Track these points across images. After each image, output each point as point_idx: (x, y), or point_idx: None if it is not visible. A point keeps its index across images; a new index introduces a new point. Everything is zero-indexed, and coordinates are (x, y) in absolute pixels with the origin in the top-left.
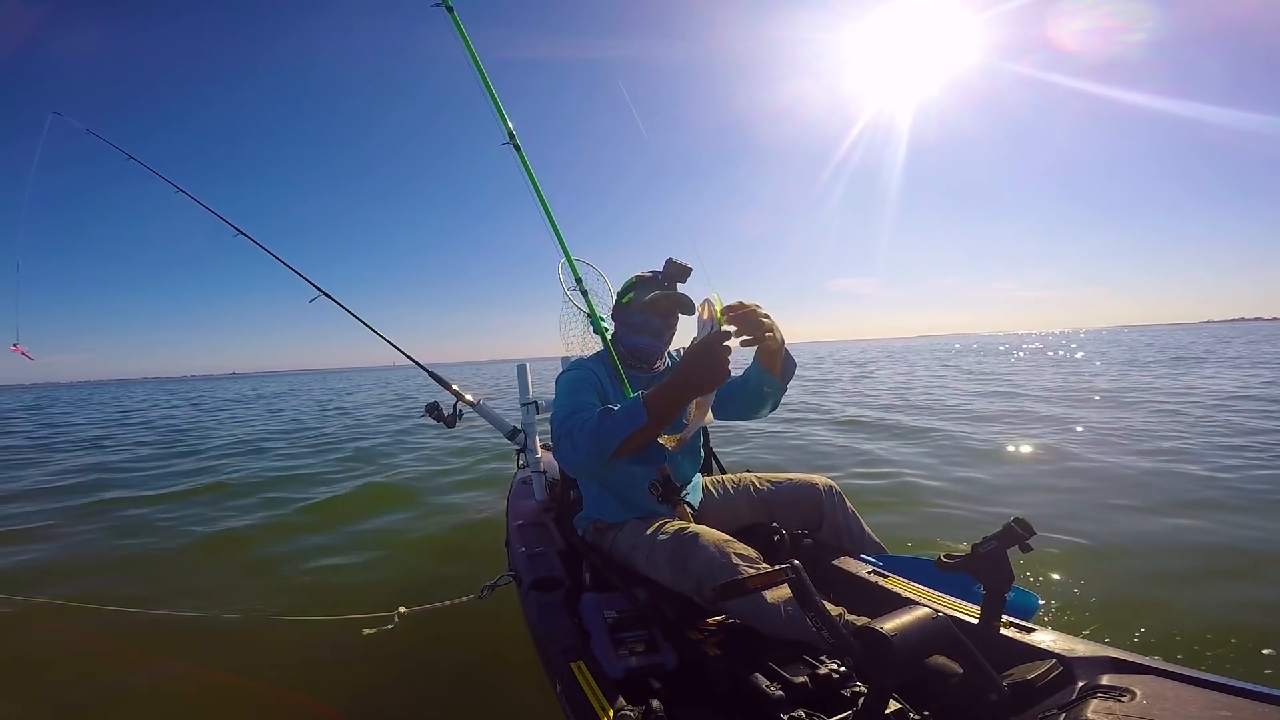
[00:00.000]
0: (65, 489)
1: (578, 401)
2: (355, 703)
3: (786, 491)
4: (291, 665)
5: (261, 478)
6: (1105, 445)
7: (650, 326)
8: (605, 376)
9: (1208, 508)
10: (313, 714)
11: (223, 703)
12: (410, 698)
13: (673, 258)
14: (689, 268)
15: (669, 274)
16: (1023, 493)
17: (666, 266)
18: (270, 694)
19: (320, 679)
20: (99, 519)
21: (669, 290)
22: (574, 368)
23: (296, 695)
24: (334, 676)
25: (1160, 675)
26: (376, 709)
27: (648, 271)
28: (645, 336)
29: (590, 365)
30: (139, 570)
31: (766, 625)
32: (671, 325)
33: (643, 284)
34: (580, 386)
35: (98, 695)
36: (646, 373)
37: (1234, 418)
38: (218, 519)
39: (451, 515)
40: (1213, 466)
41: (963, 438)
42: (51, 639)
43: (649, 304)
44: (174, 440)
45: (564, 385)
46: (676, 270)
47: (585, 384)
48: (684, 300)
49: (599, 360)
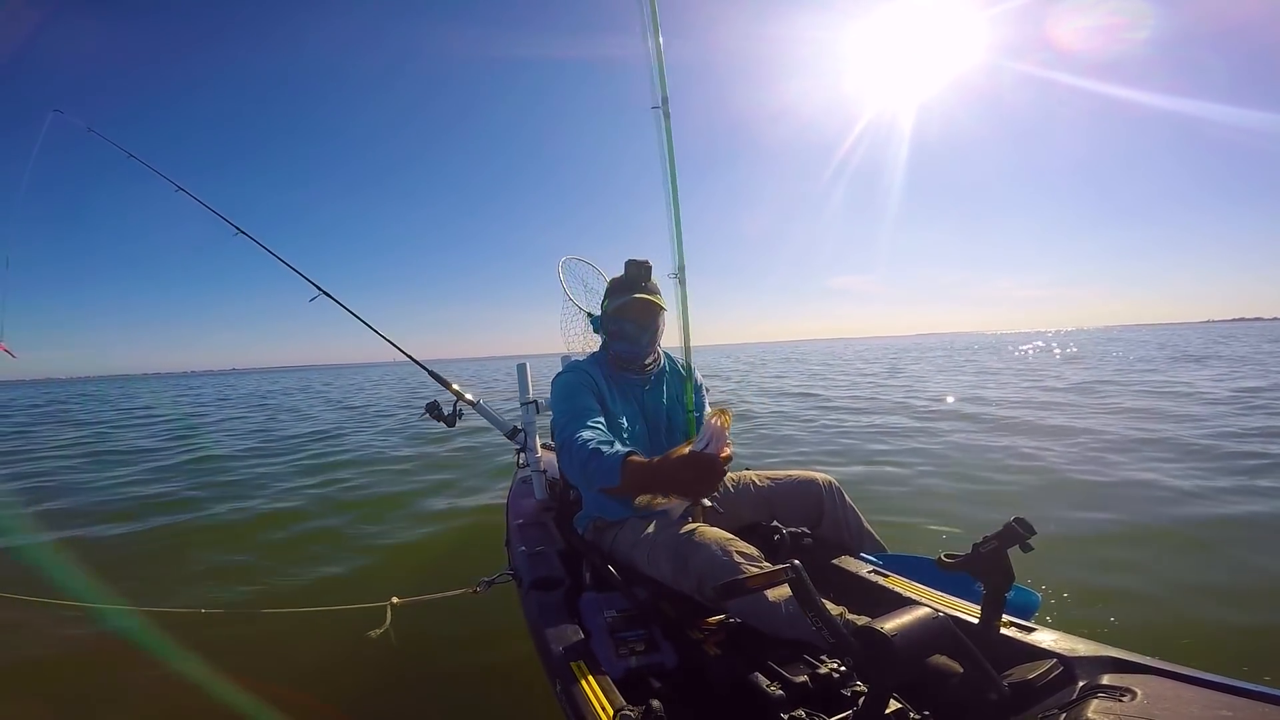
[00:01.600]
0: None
1: (577, 406)
2: (349, 698)
3: (787, 488)
4: (280, 658)
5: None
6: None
7: (625, 333)
8: (602, 377)
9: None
10: (304, 710)
11: (202, 700)
12: (408, 697)
13: (632, 258)
14: (648, 264)
15: (630, 276)
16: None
17: (627, 268)
18: (258, 689)
19: (310, 672)
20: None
21: (634, 292)
22: (569, 370)
23: (283, 689)
24: (325, 670)
25: (1161, 675)
26: (372, 706)
27: (617, 276)
28: (624, 343)
29: (585, 367)
30: (140, 566)
31: (767, 624)
32: (647, 326)
33: (612, 291)
34: (577, 390)
35: (76, 694)
36: (639, 374)
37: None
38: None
39: (451, 515)
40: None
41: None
42: (38, 637)
43: (619, 310)
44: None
45: (560, 390)
46: (637, 270)
47: (581, 387)
48: (642, 300)
49: (595, 362)
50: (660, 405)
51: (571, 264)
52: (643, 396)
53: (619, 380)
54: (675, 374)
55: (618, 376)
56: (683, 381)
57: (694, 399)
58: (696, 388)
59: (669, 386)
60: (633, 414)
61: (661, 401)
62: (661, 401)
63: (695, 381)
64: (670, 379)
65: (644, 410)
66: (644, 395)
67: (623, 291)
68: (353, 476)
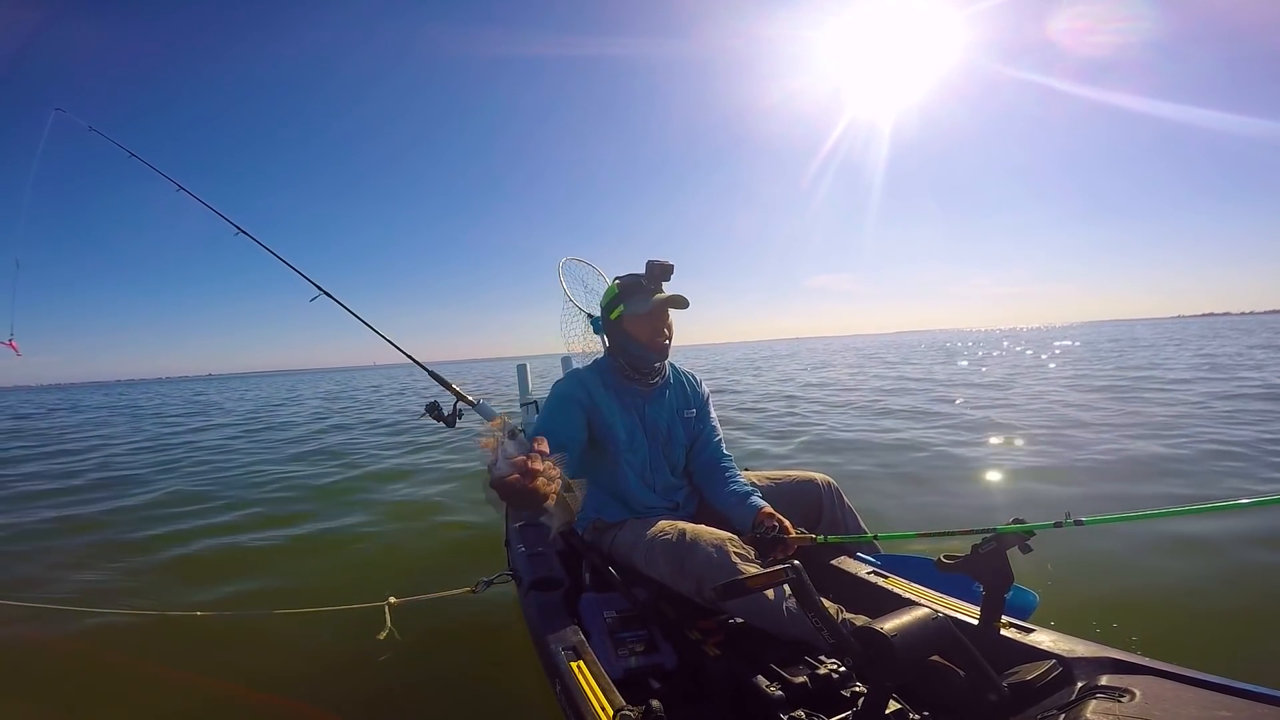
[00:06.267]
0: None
1: (551, 424)
2: (343, 699)
3: (787, 488)
4: (274, 658)
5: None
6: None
7: (650, 335)
8: (600, 387)
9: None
10: (297, 712)
11: (191, 704)
12: (405, 697)
13: (653, 259)
14: (671, 265)
15: (654, 275)
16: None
17: (650, 269)
18: (247, 698)
19: (304, 672)
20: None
21: (661, 293)
22: (567, 381)
23: (273, 690)
24: (319, 670)
25: (1160, 676)
26: (367, 706)
27: (626, 277)
28: (639, 347)
29: (584, 377)
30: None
31: (766, 625)
32: (670, 326)
33: (629, 293)
34: (564, 404)
35: (68, 695)
36: (645, 386)
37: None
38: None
39: (450, 515)
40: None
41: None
42: (26, 641)
43: (651, 314)
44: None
45: (550, 401)
46: (661, 270)
47: (571, 401)
48: (678, 299)
49: (597, 369)
50: (661, 417)
51: (571, 265)
52: (644, 408)
53: (622, 391)
54: (679, 385)
55: (622, 387)
56: (685, 392)
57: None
58: (700, 396)
59: (673, 397)
60: (632, 425)
61: (662, 414)
62: (662, 414)
63: (700, 392)
64: (674, 391)
65: (644, 422)
66: (645, 407)
67: (647, 291)
68: (353, 474)
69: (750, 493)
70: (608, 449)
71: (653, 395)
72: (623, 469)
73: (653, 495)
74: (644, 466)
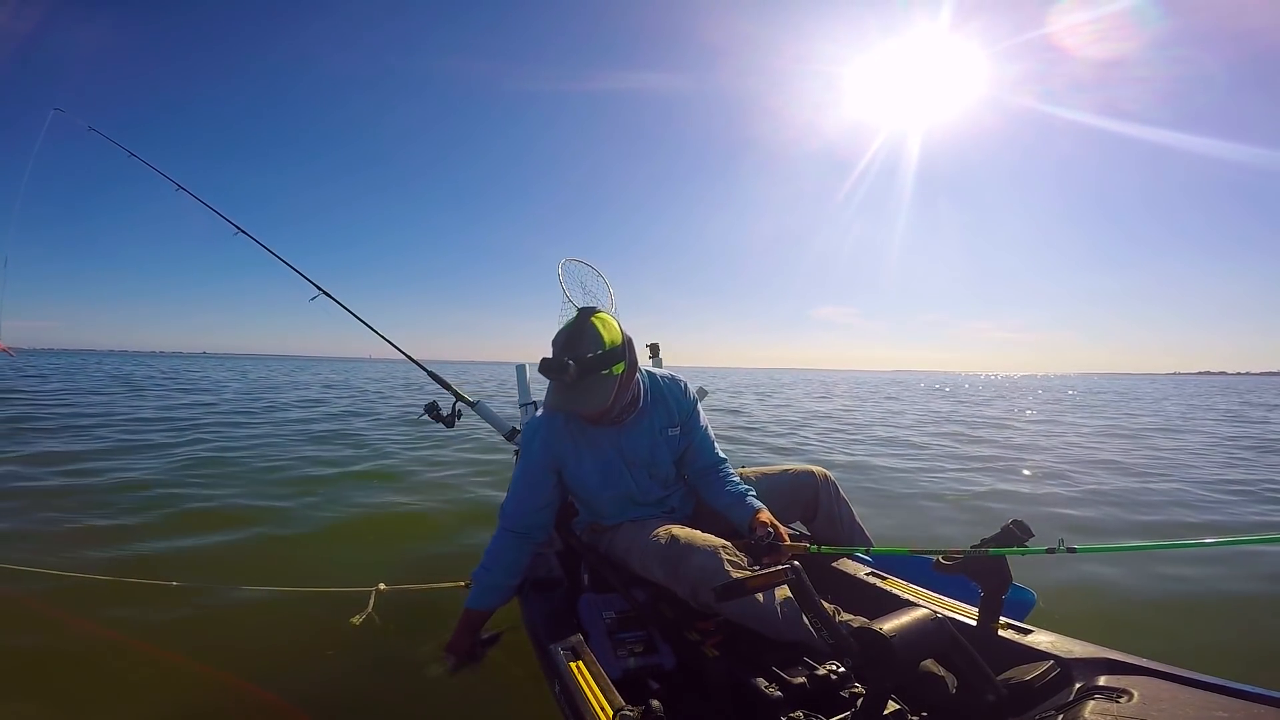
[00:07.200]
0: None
1: (524, 506)
2: (320, 684)
3: (784, 483)
4: (251, 635)
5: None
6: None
7: (589, 419)
8: (566, 438)
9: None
10: (269, 710)
11: (154, 671)
12: (401, 698)
13: (546, 356)
14: (566, 360)
15: (550, 374)
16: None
17: (544, 369)
18: (221, 680)
19: (282, 651)
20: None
21: (570, 387)
22: (533, 438)
23: (249, 685)
24: (297, 652)
25: (1157, 676)
26: (352, 696)
27: (543, 361)
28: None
29: (547, 435)
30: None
31: (765, 626)
32: (601, 413)
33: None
34: (532, 473)
35: (28, 667)
36: (616, 425)
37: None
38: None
39: (449, 515)
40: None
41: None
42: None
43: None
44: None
45: (519, 466)
46: (557, 366)
47: (537, 469)
48: (581, 401)
49: (562, 417)
50: (640, 445)
51: (571, 265)
52: (618, 441)
53: (594, 434)
54: (660, 402)
55: (593, 430)
56: (668, 408)
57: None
58: (686, 406)
59: (652, 419)
60: (606, 461)
61: (641, 440)
62: (641, 440)
63: (686, 402)
64: (654, 412)
65: (622, 454)
66: (619, 439)
67: (559, 392)
68: (351, 473)
69: (746, 492)
70: (587, 489)
71: (626, 427)
72: (604, 502)
73: (644, 508)
74: (628, 493)
